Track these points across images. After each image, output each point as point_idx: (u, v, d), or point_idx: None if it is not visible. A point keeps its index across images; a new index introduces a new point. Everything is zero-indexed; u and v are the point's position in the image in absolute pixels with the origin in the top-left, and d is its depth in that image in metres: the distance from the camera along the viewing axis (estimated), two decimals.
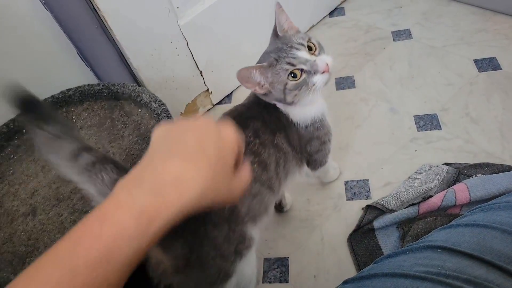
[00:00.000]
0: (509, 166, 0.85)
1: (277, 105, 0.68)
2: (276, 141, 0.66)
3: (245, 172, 0.41)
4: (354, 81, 1.23)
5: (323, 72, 0.62)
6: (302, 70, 0.61)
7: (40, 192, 0.68)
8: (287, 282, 0.86)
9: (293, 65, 0.61)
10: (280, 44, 0.63)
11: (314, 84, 0.62)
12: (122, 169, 0.50)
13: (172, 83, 1.13)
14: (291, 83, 0.62)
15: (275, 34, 0.66)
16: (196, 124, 0.38)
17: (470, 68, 1.14)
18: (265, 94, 0.65)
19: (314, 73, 0.62)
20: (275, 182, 0.67)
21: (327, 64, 0.62)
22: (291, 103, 0.65)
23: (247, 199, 0.62)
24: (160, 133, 0.38)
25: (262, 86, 0.63)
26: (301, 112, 0.69)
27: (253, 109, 0.69)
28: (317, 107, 0.71)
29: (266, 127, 0.66)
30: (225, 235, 0.58)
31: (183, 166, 0.34)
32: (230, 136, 0.39)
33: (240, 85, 1.35)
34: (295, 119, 0.69)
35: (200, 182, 0.34)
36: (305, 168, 0.79)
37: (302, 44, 0.62)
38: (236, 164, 0.40)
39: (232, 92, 1.33)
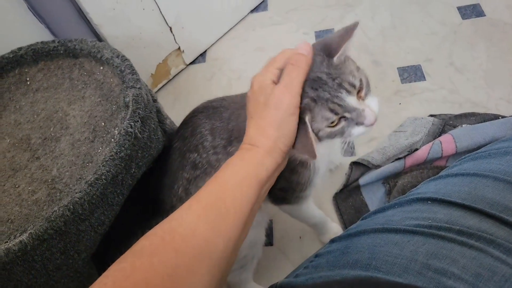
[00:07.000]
0: (494, 115, 0.83)
1: None
2: None
3: None
4: None
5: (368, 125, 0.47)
6: (344, 117, 0.47)
7: None
8: (271, 244, 0.84)
9: (337, 113, 0.46)
10: (325, 76, 0.45)
11: (350, 136, 0.48)
12: None
13: (139, 41, 1.04)
14: (327, 130, 0.47)
15: (326, 52, 0.48)
16: None
17: (453, 15, 1.09)
18: None
19: (357, 124, 0.47)
20: None
21: (375, 117, 0.46)
22: None
23: None
24: None
25: None
26: None
27: None
28: None
29: None
30: None
31: None
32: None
33: (215, 42, 1.27)
34: None
35: None
36: None
37: (354, 86, 0.46)
38: None
39: (206, 51, 1.25)
